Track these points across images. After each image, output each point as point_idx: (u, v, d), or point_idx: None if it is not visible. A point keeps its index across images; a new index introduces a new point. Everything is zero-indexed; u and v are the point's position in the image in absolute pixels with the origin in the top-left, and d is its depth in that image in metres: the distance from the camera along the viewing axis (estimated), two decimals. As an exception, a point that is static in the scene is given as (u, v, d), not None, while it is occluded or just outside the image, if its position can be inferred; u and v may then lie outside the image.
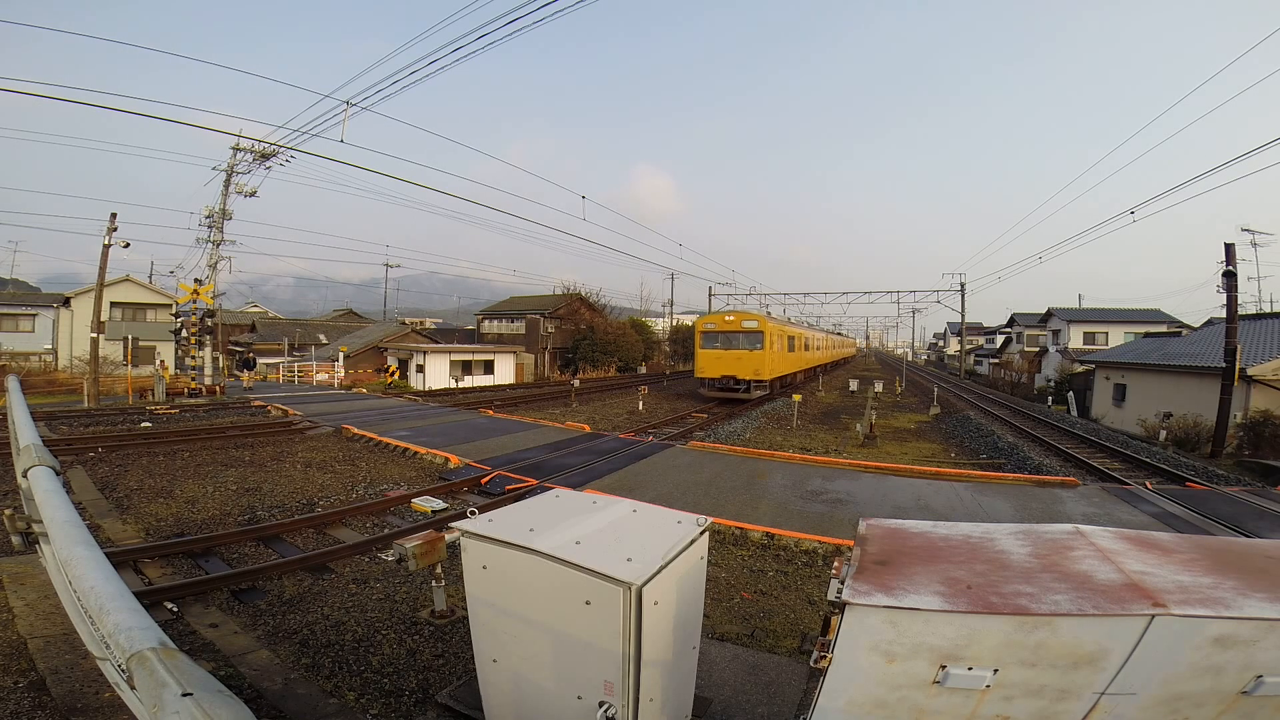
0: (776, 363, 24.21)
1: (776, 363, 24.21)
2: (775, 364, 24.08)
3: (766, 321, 23.14)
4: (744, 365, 22.68)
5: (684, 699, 3.07)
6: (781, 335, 25.61)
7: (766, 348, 22.68)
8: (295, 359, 35.37)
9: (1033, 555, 2.11)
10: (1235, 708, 1.76)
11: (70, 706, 3.49)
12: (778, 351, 24.28)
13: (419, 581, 5.67)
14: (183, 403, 19.36)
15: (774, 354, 23.57)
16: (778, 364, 24.62)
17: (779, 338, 24.75)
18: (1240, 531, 7.81)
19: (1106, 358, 27.90)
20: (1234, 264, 17.20)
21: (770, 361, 23.08)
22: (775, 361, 24.04)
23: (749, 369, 22.56)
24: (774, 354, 23.57)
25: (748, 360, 22.68)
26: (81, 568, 1.85)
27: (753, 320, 23.15)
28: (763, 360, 22.57)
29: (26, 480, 3.33)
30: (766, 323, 23.14)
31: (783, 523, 7.68)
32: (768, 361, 22.79)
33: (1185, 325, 33.80)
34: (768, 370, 22.90)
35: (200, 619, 4.95)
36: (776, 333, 24.25)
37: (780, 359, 25.16)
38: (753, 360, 22.63)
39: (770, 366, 23.12)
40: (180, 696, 1.06)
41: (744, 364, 22.69)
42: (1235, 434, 16.63)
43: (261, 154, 21.30)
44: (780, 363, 25.23)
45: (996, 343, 60.05)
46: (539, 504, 3.38)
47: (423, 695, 3.91)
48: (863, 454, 14.03)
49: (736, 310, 25.25)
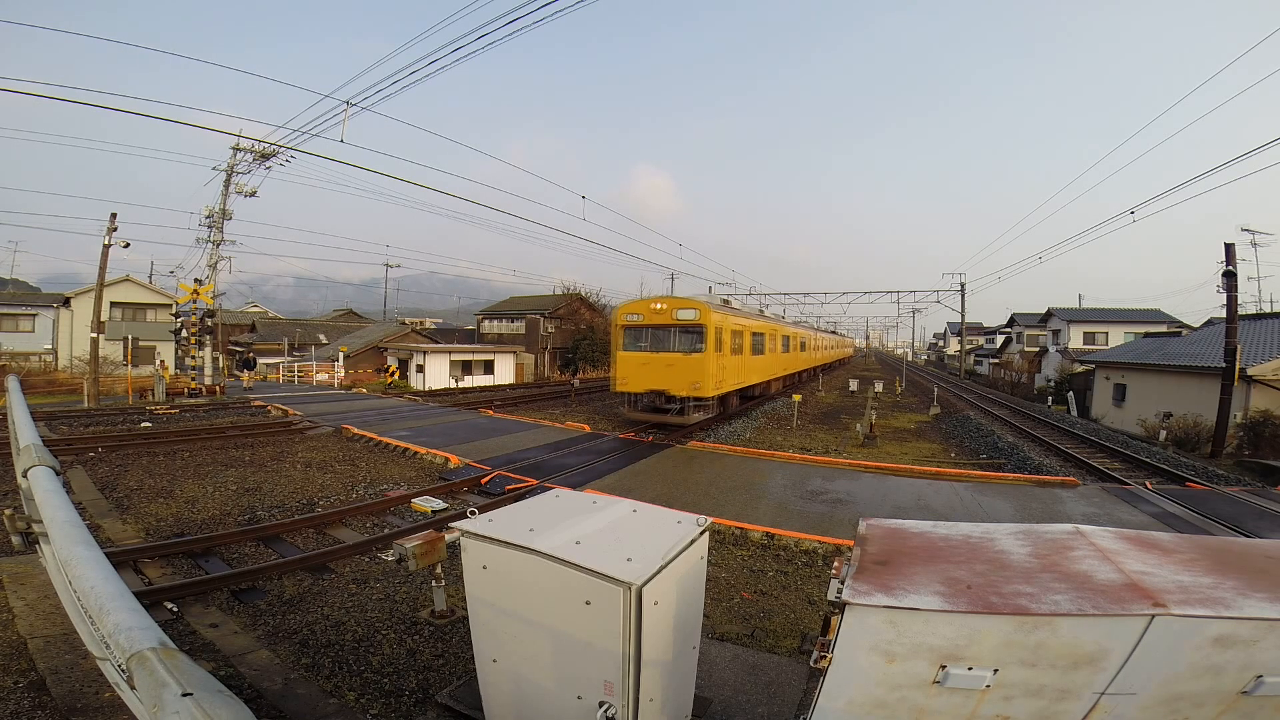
0: (729, 370, 17.09)
1: (729, 370, 17.09)
2: (726, 372, 16.93)
3: (710, 311, 15.74)
4: (677, 375, 15.45)
5: (684, 699, 3.07)
6: (738, 332, 18.03)
7: (710, 349, 15.48)
8: (295, 359, 35.37)
9: (1033, 555, 2.11)
10: (1235, 708, 1.76)
11: (70, 706, 3.49)
12: (730, 355, 17.14)
13: (419, 581, 5.67)
14: (183, 403, 19.36)
15: (724, 359, 16.56)
16: (731, 372, 17.37)
17: (733, 336, 17.44)
18: (1240, 531, 7.81)
19: (1106, 358, 27.90)
20: (1234, 264, 17.20)
21: (716, 369, 15.92)
22: (726, 369, 16.90)
23: (684, 380, 15.34)
24: (724, 359, 16.56)
25: (683, 368, 15.46)
26: (81, 568, 1.85)
27: (690, 309, 15.76)
28: (704, 368, 15.29)
29: (26, 480, 3.33)
30: (710, 313, 15.69)
31: (783, 523, 7.68)
32: (712, 369, 15.55)
33: (1185, 325, 33.81)
34: (711, 381, 15.55)
35: (200, 619, 4.95)
36: (728, 329, 16.90)
37: (737, 366, 17.99)
38: (690, 368, 15.41)
39: (716, 375, 15.96)
40: (180, 696, 1.06)
41: (677, 373, 15.46)
42: (1235, 434, 16.63)
43: (261, 154, 21.30)
44: (736, 370, 18.05)
45: (996, 343, 60.06)
46: (539, 504, 3.39)
47: (423, 695, 3.91)
48: (863, 454, 14.03)
49: (669, 297, 17.12)
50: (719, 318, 16.24)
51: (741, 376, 18.84)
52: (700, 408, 15.67)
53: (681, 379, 15.38)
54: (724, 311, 17.17)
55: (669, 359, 15.72)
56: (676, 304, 16.11)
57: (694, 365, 15.40)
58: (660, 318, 16.01)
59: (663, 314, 16.00)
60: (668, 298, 16.65)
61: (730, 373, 17.30)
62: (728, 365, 16.87)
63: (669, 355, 15.76)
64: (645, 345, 16.22)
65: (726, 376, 16.95)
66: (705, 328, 15.52)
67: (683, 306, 15.89)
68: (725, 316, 16.89)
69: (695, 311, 15.69)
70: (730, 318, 17.37)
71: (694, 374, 15.31)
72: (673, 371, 15.55)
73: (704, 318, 15.58)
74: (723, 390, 16.76)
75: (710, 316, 15.68)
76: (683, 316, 15.75)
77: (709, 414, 16.08)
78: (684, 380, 15.35)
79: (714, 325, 15.77)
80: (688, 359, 15.52)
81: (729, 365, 17.02)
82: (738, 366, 18.10)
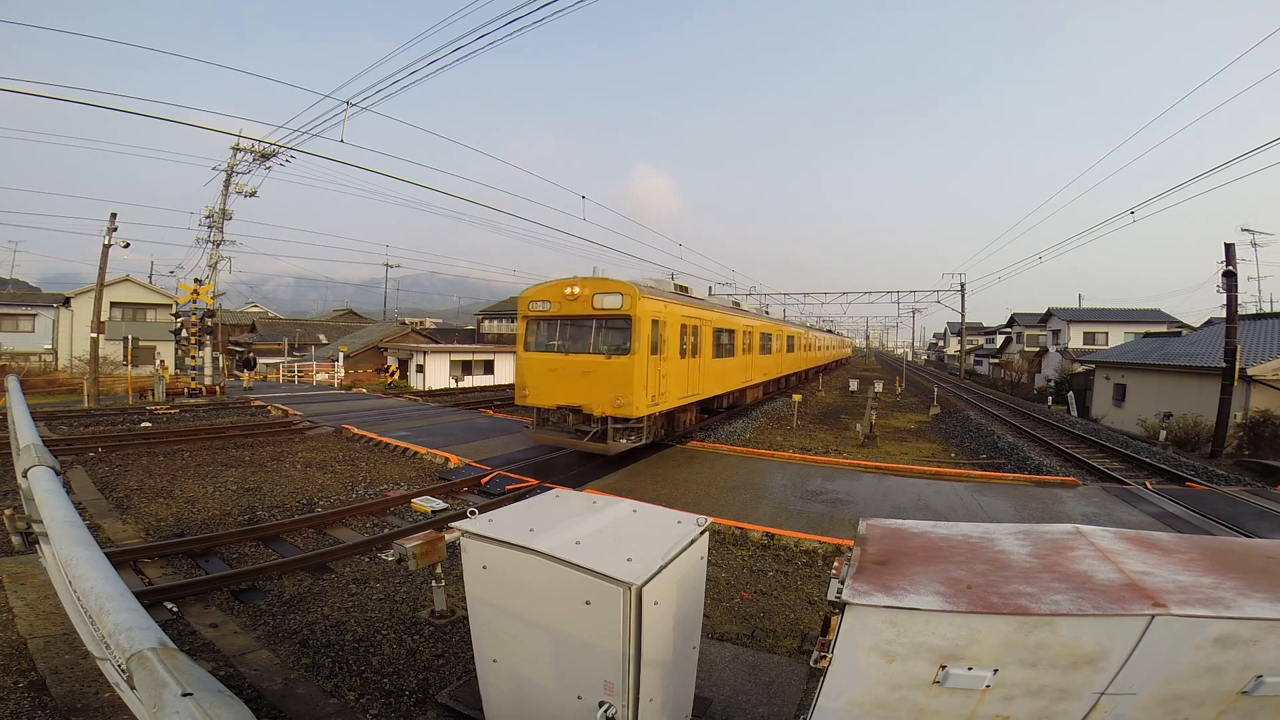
0: (673, 379, 12.24)
1: (673, 379, 12.24)
2: (670, 381, 12.07)
3: (640, 297, 10.98)
4: (595, 386, 10.96)
5: (684, 699, 3.07)
6: (691, 327, 13.25)
7: (641, 351, 10.78)
8: (295, 359, 35.38)
9: (1033, 555, 2.11)
10: (1235, 708, 1.76)
11: (70, 706, 3.49)
12: (675, 359, 12.31)
13: (419, 581, 5.67)
14: (183, 403, 19.36)
15: (665, 364, 11.76)
16: (676, 380, 12.43)
17: (683, 332, 12.78)
18: (1240, 531, 7.81)
19: (1106, 358, 27.90)
20: (1234, 264, 17.20)
21: (650, 378, 11.23)
22: (670, 376, 12.06)
23: (603, 393, 10.83)
24: (665, 364, 11.76)
25: (603, 377, 10.89)
26: (81, 568, 1.85)
27: (614, 293, 11.07)
28: (630, 377, 10.67)
29: (26, 480, 3.33)
30: (640, 299, 10.94)
31: (783, 523, 7.69)
32: (642, 379, 10.90)
33: (1185, 325, 33.81)
34: (642, 395, 10.89)
35: (200, 619, 4.95)
36: (672, 322, 12.13)
37: (687, 372, 13.04)
38: (612, 376, 10.81)
39: (650, 387, 11.27)
40: (180, 696, 1.06)
41: (595, 384, 10.97)
42: (1235, 434, 16.63)
43: (261, 154, 21.30)
44: (686, 378, 13.00)
45: (996, 343, 60.06)
46: (539, 504, 3.39)
47: (423, 695, 3.91)
48: (863, 454, 14.03)
49: (590, 277, 11.78)
50: (654, 307, 11.30)
51: (695, 386, 13.65)
52: (627, 432, 10.84)
53: (600, 392, 10.71)
54: (664, 299, 12.03)
55: (585, 363, 10.99)
56: (596, 286, 11.09)
57: (617, 373, 10.60)
58: (576, 306, 11.20)
59: (579, 300, 11.14)
60: (587, 279, 11.30)
61: (675, 382, 12.32)
62: (672, 372, 12.07)
63: (585, 359, 11.01)
64: (556, 344, 11.51)
65: (669, 387, 11.99)
66: (633, 320, 10.64)
67: (604, 289, 11.01)
68: (665, 305, 11.86)
69: (620, 297, 10.78)
70: (676, 307, 12.42)
71: (616, 385, 10.59)
72: (590, 381, 10.88)
73: (631, 305, 10.65)
74: (663, 406, 11.76)
75: (641, 304, 10.73)
76: (604, 304, 10.95)
77: (638, 440, 11.04)
78: (603, 393, 10.66)
79: (646, 316, 10.87)
80: (609, 364, 10.69)
81: (673, 372, 12.17)
82: (689, 373, 13.15)
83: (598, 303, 11.17)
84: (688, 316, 13.22)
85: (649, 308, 11.26)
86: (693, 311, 13.59)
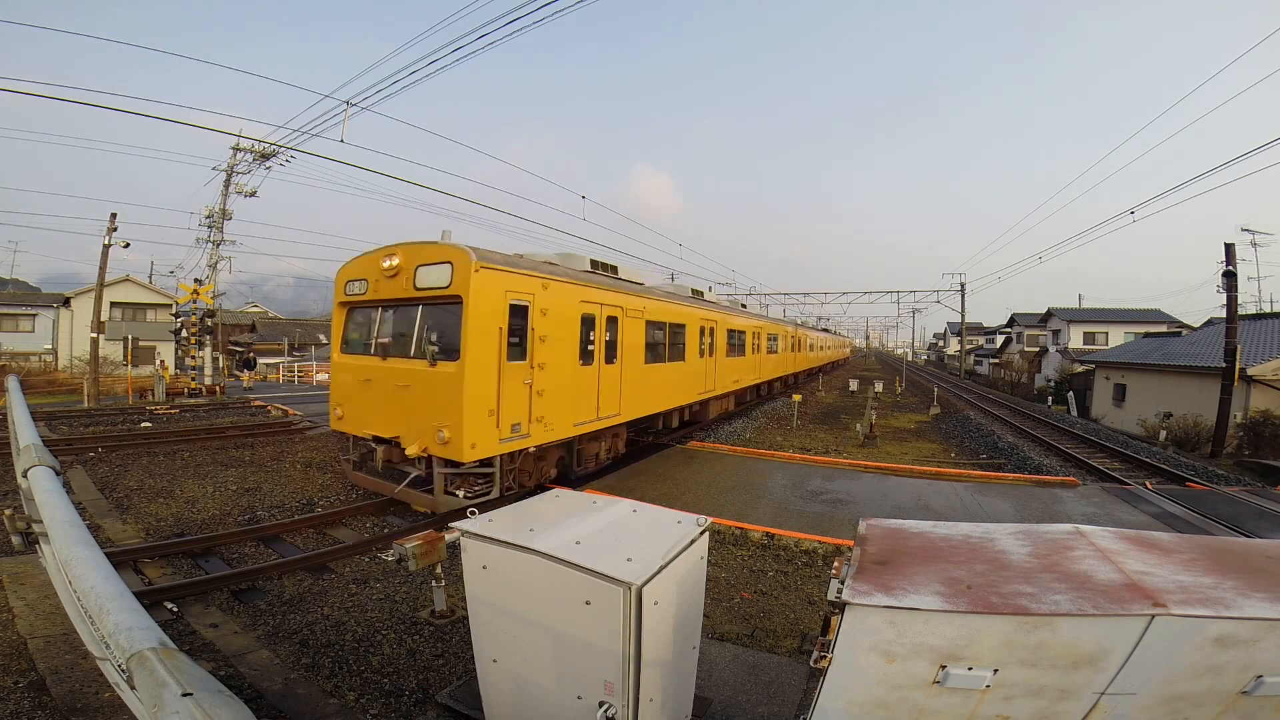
0: (561, 394, 8.26)
1: (561, 394, 8.26)
2: (552, 399, 8.02)
3: (479, 267, 6.87)
4: (415, 408, 7.09)
5: (684, 699, 3.07)
6: (599, 318, 9.30)
7: (475, 351, 6.83)
8: (295, 359, 35.39)
9: (1033, 555, 2.11)
10: (1235, 708, 1.76)
11: (70, 706, 3.49)
12: (564, 366, 8.35)
13: (419, 581, 5.67)
14: (183, 403, 19.35)
15: (541, 374, 7.78)
16: (574, 396, 8.60)
17: (580, 324, 8.77)
18: (1240, 531, 7.81)
19: (1106, 358, 27.91)
20: (1234, 264, 17.20)
21: (510, 393, 7.26)
22: (551, 392, 8.02)
23: (423, 419, 6.95)
24: (541, 374, 7.78)
25: (424, 393, 7.04)
26: (81, 568, 1.85)
27: (438, 264, 7.10)
28: (460, 391, 6.71)
29: (26, 480, 3.33)
30: (479, 270, 6.88)
31: (783, 523, 7.68)
32: (481, 393, 6.90)
33: (1185, 325, 33.82)
34: (481, 425, 6.87)
35: (200, 619, 4.95)
36: (558, 308, 8.20)
37: (588, 384, 9.01)
38: (435, 393, 6.93)
39: (508, 408, 7.21)
40: (180, 696, 1.06)
41: (415, 403, 7.11)
42: (1235, 434, 16.63)
43: (261, 154, 21.30)
44: (590, 393, 9.07)
45: (996, 343, 60.06)
46: (539, 504, 3.39)
47: (423, 695, 3.91)
48: (863, 454, 14.03)
49: (412, 243, 7.47)
50: (511, 284, 7.37)
51: (615, 403, 9.77)
52: (468, 479, 7.20)
53: (418, 417, 7.06)
54: (541, 275, 7.93)
55: (402, 373, 7.34)
56: (418, 255, 7.35)
57: (441, 389, 6.90)
58: (395, 286, 7.56)
59: (399, 277, 7.50)
60: (410, 244, 7.55)
61: (567, 400, 8.41)
62: (559, 386, 8.17)
63: (401, 367, 7.40)
64: (371, 343, 8.00)
65: (554, 409, 8.07)
66: (465, 304, 6.88)
67: (428, 258, 7.26)
68: (544, 285, 7.89)
69: (447, 269, 7.04)
70: (567, 290, 8.42)
71: (440, 408, 6.89)
72: (406, 401, 7.23)
73: (463, 281, 6.90)
74: (539, 439, 7.84)
75: (480, 280, 6.93)
76: (428, 281, 7.23)
77: (488, 491, 7.32)
78: (422, 420, 7.00)
79: (489, 298, 7.07)
80: (431, 376, 6.99)
81: (564, 386, 8.29)
82: (602, 385, 9.31)
83: (421, 279, 7.24)
84: (596, 304, 9.06)
85: (494, 285, 7.06)
86: (608, 298, 9.43)
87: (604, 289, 9.50)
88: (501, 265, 7.32)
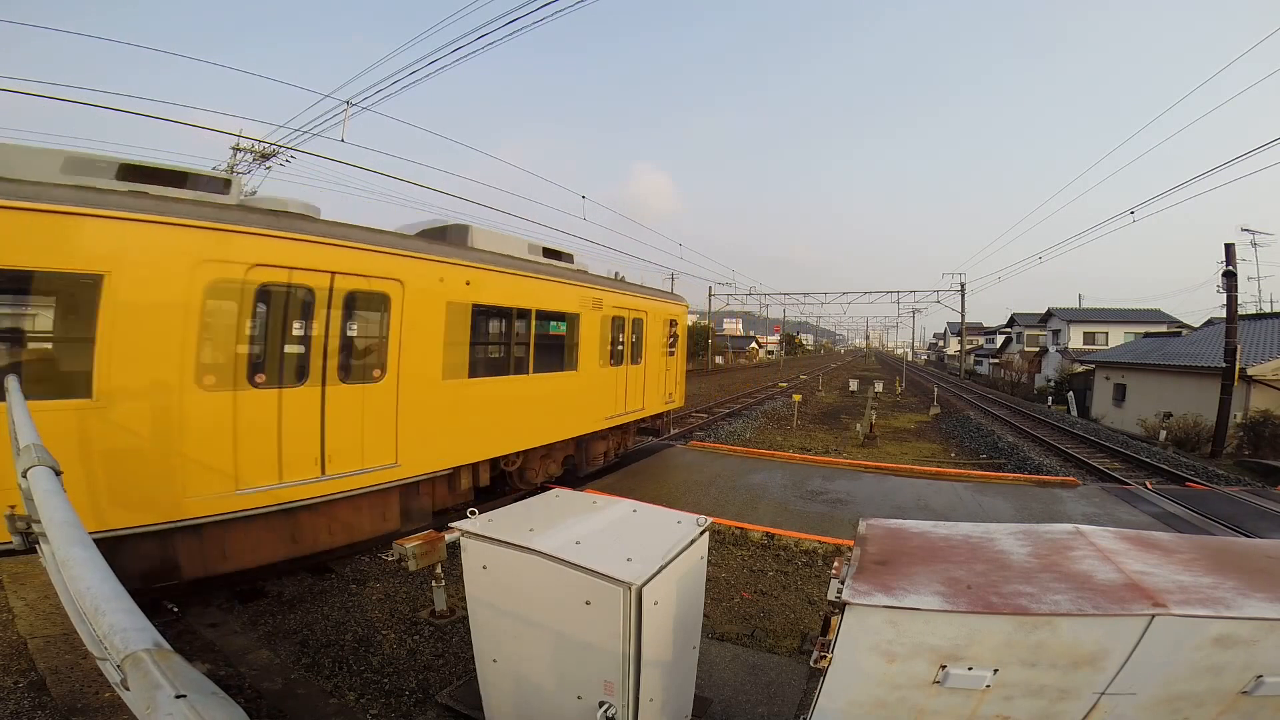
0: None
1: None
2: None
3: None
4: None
5: (684, 699, 3.07)
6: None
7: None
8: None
9: (1033, 555, 2.10)
10: (1235, 708, 1.76)
11: (70, 706, 3.49)
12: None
13: (419, 581, 5.66)
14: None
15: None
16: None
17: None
18: (1240, 531, 7.81)
19: (1106, 358, 27.90)
20: (1234, 264, 17.20)
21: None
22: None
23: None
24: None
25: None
26: (78, 568, 1.84)
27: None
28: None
29: (26, 480, 3.32)
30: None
31: (783, 523, 7.68)
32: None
33: (1185, 325, 33.80)
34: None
35: (200, 619, 4.95)
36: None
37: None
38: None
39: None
40: (174, 698, 1.06)
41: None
42: (1235, 434, 16.63)
43: (261, 154, 21.26)
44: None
45: (996, 343, 60.05)
46: (539, 504, 3.39)
47: (423, 695, 3.91)
48: (863, 454, 14.03)
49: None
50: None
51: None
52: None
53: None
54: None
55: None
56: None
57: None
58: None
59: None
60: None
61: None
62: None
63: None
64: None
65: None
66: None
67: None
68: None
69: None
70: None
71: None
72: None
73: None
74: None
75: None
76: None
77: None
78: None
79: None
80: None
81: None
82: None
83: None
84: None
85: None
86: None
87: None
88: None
